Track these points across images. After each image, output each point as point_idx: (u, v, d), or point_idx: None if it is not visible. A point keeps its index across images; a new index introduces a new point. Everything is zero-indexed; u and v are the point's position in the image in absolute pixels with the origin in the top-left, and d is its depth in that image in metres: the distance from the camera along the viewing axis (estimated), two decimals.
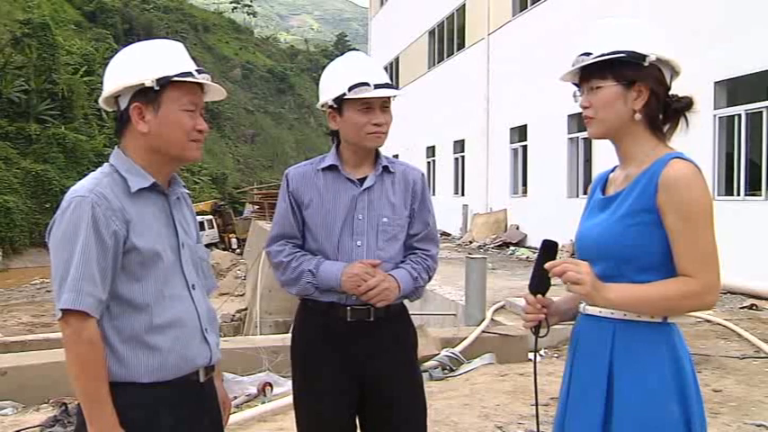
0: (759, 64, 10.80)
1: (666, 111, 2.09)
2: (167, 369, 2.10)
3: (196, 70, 2.17)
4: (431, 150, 28.31)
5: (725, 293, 10.35)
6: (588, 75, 2.12)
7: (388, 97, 2.80)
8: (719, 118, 11.70)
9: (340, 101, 2.73)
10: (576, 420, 2.14)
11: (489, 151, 21.97)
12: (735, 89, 11.71)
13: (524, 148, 19.93)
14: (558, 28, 16.78)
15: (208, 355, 2.23)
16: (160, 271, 2.11)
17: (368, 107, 2.73)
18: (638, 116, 2.07)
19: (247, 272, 27.07)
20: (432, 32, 28.67)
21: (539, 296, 2.19)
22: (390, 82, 2.82)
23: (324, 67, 2.95)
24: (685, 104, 2.09)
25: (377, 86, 2.72)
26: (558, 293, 2.26)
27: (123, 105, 2.14)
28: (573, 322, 2.25)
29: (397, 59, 33.81)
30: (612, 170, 2.24)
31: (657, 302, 2.01)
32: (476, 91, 22.72)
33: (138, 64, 2.13)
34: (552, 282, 2.16)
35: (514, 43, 20.22)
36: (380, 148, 2.87)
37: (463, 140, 24.66)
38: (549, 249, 2.16)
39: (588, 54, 2.10)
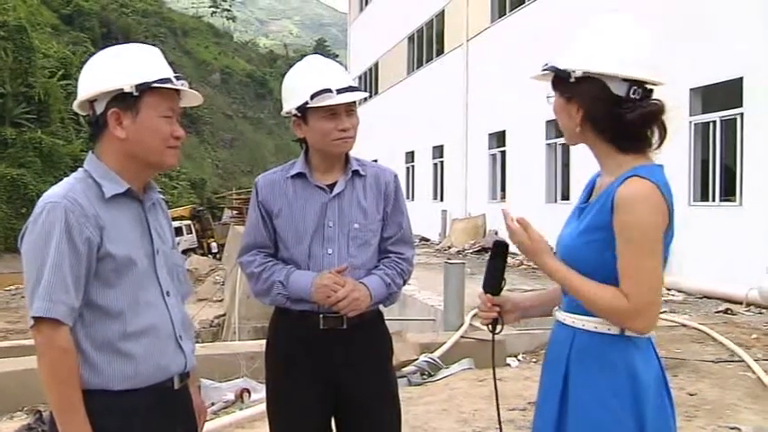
0: (733, 71, 10.92)
1: (620, 122, 2.00)
2: (141, 377, 2.08)
3: (174, 76, 2.16)
4: (410, 156, 28.33)
5: (700, 298, 10.45)
6: (551, 83, 2.14)
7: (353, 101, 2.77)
8: (695, 124, 11.80)
9: (303, 109, 2.70)
10: (539, 421, 2.18)
11: (468, 157, 22.03)
12: (710, 96, 11.82)
13: (503, 153, 20.00)
14: (536, 34, 16.86)
15: (182, 362, 2.21)
16: (134, 278, 2.09)
17: (332, 113, 2.70)
18: (577, 129, 2.06)
19: (226, 277, 26.90)
20: (411, 38, 28.73)
21: (489, 295, 2.24)
22: (353, 84, 2.79)
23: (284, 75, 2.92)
24: (639, 116, 1.99)
25: (339, 91, 2.68)
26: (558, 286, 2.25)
27: (99, 110, 2.11)
28: (550, 328, 2.26)
29: (376, 65, 33.84)
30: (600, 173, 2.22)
31: (584, 299, 2.01)
32: (455, 96, 22.78)
33: (116, 69, 2.11)
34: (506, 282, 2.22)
35: (493, 49, 20.31)
36: (351, 151, 2.83)
37: (442, 146, 24.71)
38: (500, 250, 2.24)
39: (546, 65, 2.13)
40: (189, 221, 42.24)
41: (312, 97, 2.65)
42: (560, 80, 2.07)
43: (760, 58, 10.43)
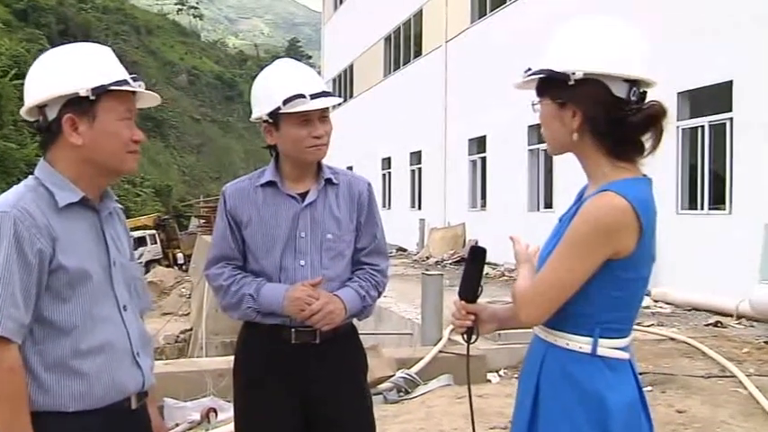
0: (723, 74, 11.03)
1: (623, 126, 2.01)
2: (95, 396, 2.03)
3: (131, 77, 2.12)
4: (386, 162, 28.36)
5: (689, 310, 10.50)
6: (536, 90, 2.13)
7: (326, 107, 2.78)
8: (683, 129, 11.91)
9: (275, 115, 2.70)
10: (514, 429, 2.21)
11: (447, 163, 22.08)
12: (698, 100, 11.93)
13: (483, 159, 20.07)
14: (518, 35, 16.95)
15: (140, 380, 2.16)
16: (89, 291, 2.05)
17: (306, 119, 2.70)
18: (575, 137, 2.04)
19: (193, 290, 26.74)
20: (387, 39, 28.80)
21: (464, 302, 2.25)
22: (327, 89, 2.80)
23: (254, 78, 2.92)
24: (644, 117, 2.00)
25: (313, 96, 2.69)
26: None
27: (51, 116, 2.06)
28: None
29: (351, 67, 33.87)
30: None
31: (512, 291, 2.10)
32: (433, 100, 22.85)
33: (69, 71, 2.06)
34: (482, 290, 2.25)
35: (473, 51, 20.40)
36: (324, 159, 2.84)
37: (420, 152, 24.76)
38: (477, 256, 2.26)
39: (529, 70, 2.11)
40: (153, 231, 42.00)
41: (285, 103, 2.66)
42: (552, 85, 2.05)
43: (750, 61, 10.54)
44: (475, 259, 2.26)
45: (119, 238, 2.22)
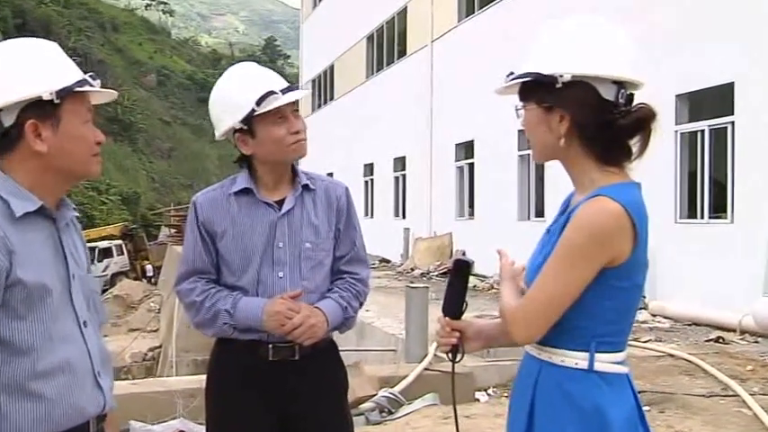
0: (723, 76, 11.09)
1: (612, 129, 2.03)
2: (54, 420, 1.99)
3: (90, 75, 2.10)
4: (368, 168, 28.38)
5: (689, 325, 10.54)
6: (519, 94, 2.14)
7: (296, 101, 2.81)
8: (681, 134, 11.98)
9: (249, 120, 2.71)
10: None
11: (433, 169, 22.11)
12: (698, 103, 12.00)
13: (471, 166, 20.11)
14: (508, 35, 17.01)
15: (101, 402, 2.13)
16: (48, 307, 2.00)
17: (281, 116, 2.73)
18: (562, 142, 2.06)
19: (162, 304, 26.61)
20: (370, 38, 28.85)
21: (449, 319, 2.24)
22: (292, 83, 2.85)
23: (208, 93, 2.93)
24: (634, 120, 2.02)
25: (283, 91, 2.73)
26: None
27: (9, 122, 2.00)
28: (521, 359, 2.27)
29: (331, 67, 33.90)
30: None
31: (500, 307, 2.10)
32: (418, 103, 22.89)
33: (27, 73, 2.01)
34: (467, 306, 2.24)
35: (460, 51, 20.46)
36: (304, 166, 2.86)
37: (404, 157, 24.79)
38: (462, 269, 2.26)
39: (512, 74, 2.13)
40: (120, 241, 41.86)
41: (258, 103, 2.67)
42: (537, 88, 2.06)
43: (753, 61, 10.61)
44: (459, 273, 2.25)
45: (76, 250, 2.18)
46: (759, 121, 10.47)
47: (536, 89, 2.07)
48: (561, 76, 2.01)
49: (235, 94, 2.75)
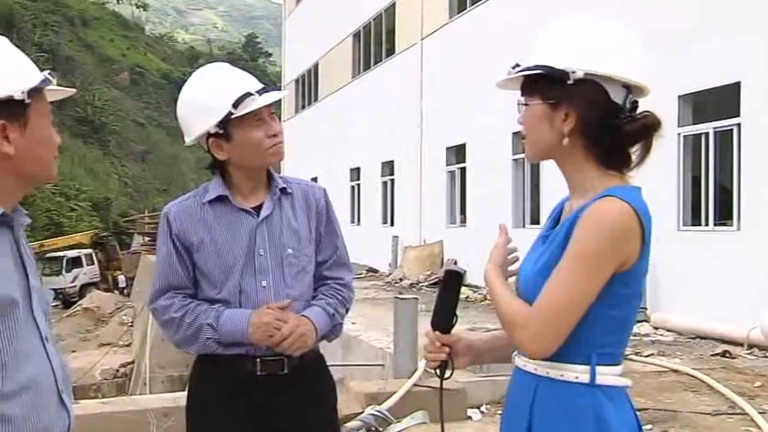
0: (729, 75, 11.14)
1: (616, 134, 2.05)
2: None
3: (48, 72, 2.07)
4: (355, 173, 28.38)
5: (693, 338, 10.56)
6: (522, 89, 2.16)
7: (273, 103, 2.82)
8: (684, 137, 12.01)
9: (225, 124, 2.71)
10: None
11: (423, 174, 22.14)
12: (702, 104, 12.05)
13: (463, 170, 20.15)
14: (502, 32, 17.07)
15: (66, 421, 2.11)
16: (12, 323, 1.97)
17: (259, 119, 2.75)
18: (565, 141, 2.07)
19: (135, 316, 26.52)
20: (357, 35, 28.88)
21: (438, 333, 2.24)
22: (267, 85, 2.87)
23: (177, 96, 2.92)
24: (640, 127, 2.05)
25: (260, 92, 2.75)
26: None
27: None
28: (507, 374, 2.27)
29: (316, 66, 33.91)
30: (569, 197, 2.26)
31: (499, 311, 2.09)
32: (407, 104, 22.92)
33: None
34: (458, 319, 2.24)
35: (452, 49, 20.50)
36: (286, 170, 2.84)
37: (392, 161, 24.81)
38: (453, 280, 2.26)
39: (517, 66, 2.14)
40: (90, 250, 41.72)
41: (235, 105, 2.68)
42: (545, 83, 2.08)
43: (759, 61, 10.66)
44: (450, 283, 2.26)
45: (30, 259, 2.14)
46: (766, 124, 10.50)
47: (543, 83, 2.09)
48: (574, 72, 2.03)
49: (209, 97, 2.75)
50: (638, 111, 2.08)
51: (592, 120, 2.05)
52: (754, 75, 10.71)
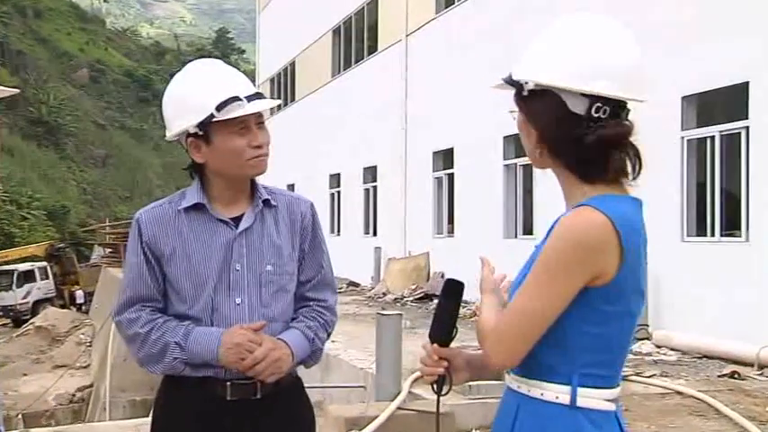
0: (737, 75, 11.18)
1: (578, 146, 2.07)
2: None
3: None
4: (335, 179, 28.38)
5: (699, 358, 10.58)
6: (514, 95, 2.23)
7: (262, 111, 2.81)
8: (688, 140, 12.05)
9: (205, 126, 2.70)
10: None
11: (408, 181, 22.17)
12: (707, 106, 12.10)
13: (450, 176, 20.18)
14: (493, 29, 17.14)
15: None
16: None
17: (243, 127, 2.73)
18: (537, 152, 2.15)
19: (95, 335, 26.37)
20: (337, 31, 28.91)
21: (436, 345, 2.25)
22: (260, 91, 2.85)
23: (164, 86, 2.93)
24: (597, 139, 2.05)
25: (249, 99, 2.73)
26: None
27: None
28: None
29: (293, 64, 33.93)
30: None
31: (476, 324, 2.15)
32: (391, 105, 22.96)
33: None
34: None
35: (439, 47, 20.55)
36: (260, 177, 2.86)
37: (375, 167, 24.82)
38: (453, 290, 2.28)
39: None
40: (45, 263, 41.47)
41: (218, 108, 2.67)
42: (517, 93, 2.16)
43: None
44: (450, 294, 2.27)
45: None
46: None
47: (516, 94, 2.17)
48: (526, 83, 2.09)
49: (193, 94, 2.74)
50: (632, 115, 2.11)
51: (551, 132, 2.10)
52: (764, 74, 10.74)
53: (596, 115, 2.06)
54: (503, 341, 2.05)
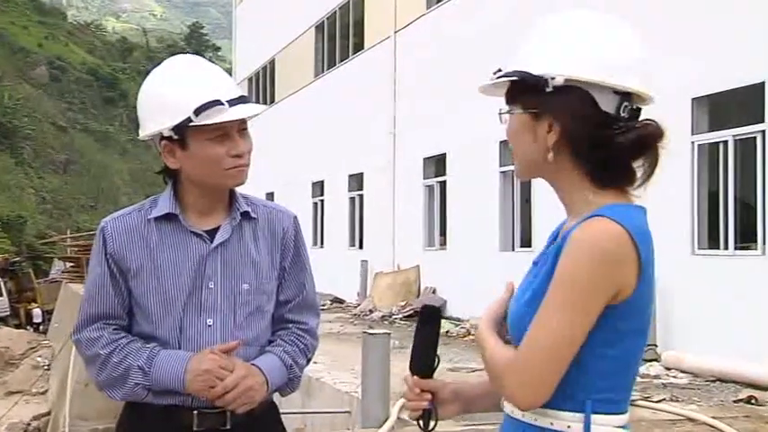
0: (752, 75, 11.20)
1: (608, 147, 2.06)
2: None
3: None
4: (318, 187, 28.37)
5: (713, 381, 10.59)
6: (506, 96, 2.19)
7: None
8: (699, 145, 12.06)
9: (182, 129, 2.67)
10: None
11: (396, 189, 22.19)
12: (720, 108, 12.14)
13: (443, 184, 20.20)
14: (489, 25, 17.18)
15: None
16: None
17: (223, 133, 2.69)
18: (550, 156, 2.09)
19: (53, 358, 26.22)
20: (320, 27, 28.94)
21: (418, 378, 2.23)
22: (245, 94, 2.82)
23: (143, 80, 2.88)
24: (635, 139, 2.06)
25: (231, 103, 2.69)
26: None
27: None
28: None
29: (272, 63, 33.92)
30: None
31: (483, 361, 2.11)
32: (379, 107, 22.99)
33: None
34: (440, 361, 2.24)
35: (430, 44, 20.57)
36: (240, 187, 2.84)
37: (361, 174, 24.83)
38: (431, 317, 2.25)
39: (499, 71, 2.16)
40: None
41: (197, 112, 2.63)
42: (526, 90, 2.11)
43: None
44: (428, 322, 2.26)
45: None
46: None
47: (524, 91, 2.11)
48: (553, 78, 2.04)
49: (171, 94, 2.70)
50: (642, 118, 2.10)
51: (577, 132, 2.06)
52: None
53: (624, 115, 2.06)
54: (530, 379, 1.99)
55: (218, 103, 2.65)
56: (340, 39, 27.37)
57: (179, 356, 2.69)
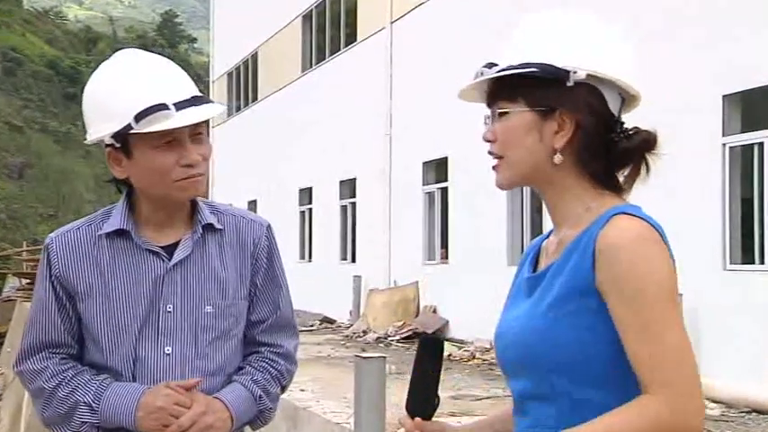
0: None
1: (611, 150, 2.11)
2: None
3: None
4: (305, 194, 28.39)
5: (748, 412, 10.55)
6: (495, 94, 2.21)
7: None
8: (731, 148, 12.05)
9: (124, 136, 2.63)
10: None
11: (393, 196, 22.21)
12: (754, 106, 12.15)
13: (444, 191, 20.23)
14: (493, 14, 17.22)
15: None
16: None
17: (171, 140, 2.62)
18: (557, 158, 2.12)
19: (5, 387, 26.22)
20: (308, 17, 28.98)
21: (417, 419, 2.21)
22: (199, 93, 2.74)
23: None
24: (640, 143, 2.11)
25: (180, 107, 2.61)
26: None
27: None
28: None
29: (254, 57, 33.95)
30: (548, 235, 2.29)
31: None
32: (373, 106, 23.01)
33: None
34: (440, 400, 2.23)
35: (430, 36, 20.60)
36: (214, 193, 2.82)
37: (354, 180, 24.84)
38: (430, 350, 2.23)
39: (493, 65, 2.19)
40: None
41: (137, 119, 2.58)
42: (535, 85, 2.13)
43: None
44: (427, 356, 2.23)
45: None
46: None
47: (531, 86, 2.13)
48: (575, 71, 2.07)
49: (110, 97, 2.66)
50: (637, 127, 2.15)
51: (592, 131, 2.10)
52: None
53: (621, 119, 2.14)
54: (693, 406, 1.93)
55: (162, 107, 2.57)
56: (330, 30, 27.40)
57: (131, 391, 2.67)
